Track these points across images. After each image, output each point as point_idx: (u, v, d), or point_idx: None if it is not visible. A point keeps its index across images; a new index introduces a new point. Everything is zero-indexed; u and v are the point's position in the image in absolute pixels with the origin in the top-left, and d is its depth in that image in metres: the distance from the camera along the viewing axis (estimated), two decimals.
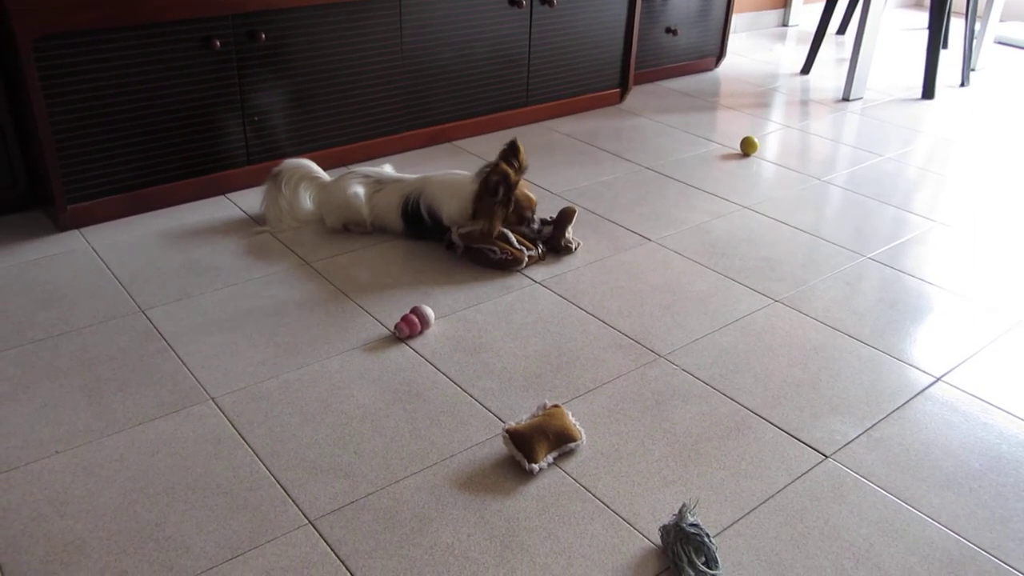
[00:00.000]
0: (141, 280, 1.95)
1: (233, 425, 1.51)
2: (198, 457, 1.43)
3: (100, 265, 2.01)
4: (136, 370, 1.64)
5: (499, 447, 1.47)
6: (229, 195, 2.38)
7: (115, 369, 1.64)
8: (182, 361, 1.67)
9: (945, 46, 4.19)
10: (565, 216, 2.13)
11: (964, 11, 3.76)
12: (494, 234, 2.06)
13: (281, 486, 1.37)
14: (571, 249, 2.14)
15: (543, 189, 2.49)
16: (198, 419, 1.52)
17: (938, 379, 1.70)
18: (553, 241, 2.13)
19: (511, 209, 2.06)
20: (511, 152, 2.05)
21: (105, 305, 1.85)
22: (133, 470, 1.40)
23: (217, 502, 1.34)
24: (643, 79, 3.51)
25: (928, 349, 1.80)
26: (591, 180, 2.58)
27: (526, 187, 2.11)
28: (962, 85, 3.70)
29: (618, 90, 3.25)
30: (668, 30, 3.45)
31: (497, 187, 2.01)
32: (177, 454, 1.43)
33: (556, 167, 2.67)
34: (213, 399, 1.57)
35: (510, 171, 2.01)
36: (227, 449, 1.45)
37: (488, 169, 2.03)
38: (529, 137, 2.91)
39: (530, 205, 2.11)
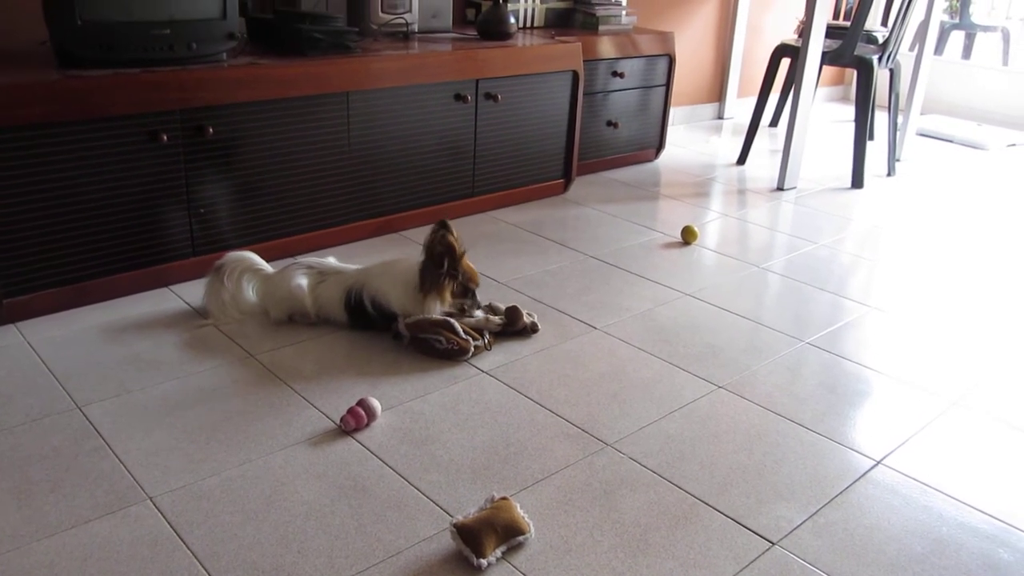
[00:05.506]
0: (79, 375, 1.91)
1: (171, 526, 1.46)
2: (133, 562, 1.38)
3: (36, 360, 1.96)
4: (70, 470, 1.59)
5: (447, 542, 1.44)
6: (173, 287, 2.36)
7: (47, 469, 1.59)
8: (119, 459, 1.63)
9: (871, 138, 4.40)
10: (516, 315, 2.17)
11: (887, 105, 3.98)
12: (445, 304, 2.10)
13: None
14: (536, 327, 2.20)
15: (489, 278, 2.52)
16: (135, 520, 1.47)
17: (878, 462, 1.73)
18: (513, 329, 2.17)
19: (458, 280, 2.10)
20: (443, 229, 2.08)
21: (40, 402, 1.80)
22: None
23: None
24: (586, 170, 3.62)
25: (867, 433, 1.83)
26: (537, 269, 2.62)
27: (469, 262, 2.15)
28: (889, 175, 3.88)
29: (562, 181, 3.34)
30: (609, 123, 3.58)
31: (443, 258, 2.06)
32: (110, 559, 1.38)
33: (502, 256, 2.71)
34: (151, 499, 1.52)
35: (455, 242, 2.06)
36: (164, 552, 1.40)
37: (432, 240, 2.06)
38: (475, 227, 2.95)
39: (474, 278, 2.14)
